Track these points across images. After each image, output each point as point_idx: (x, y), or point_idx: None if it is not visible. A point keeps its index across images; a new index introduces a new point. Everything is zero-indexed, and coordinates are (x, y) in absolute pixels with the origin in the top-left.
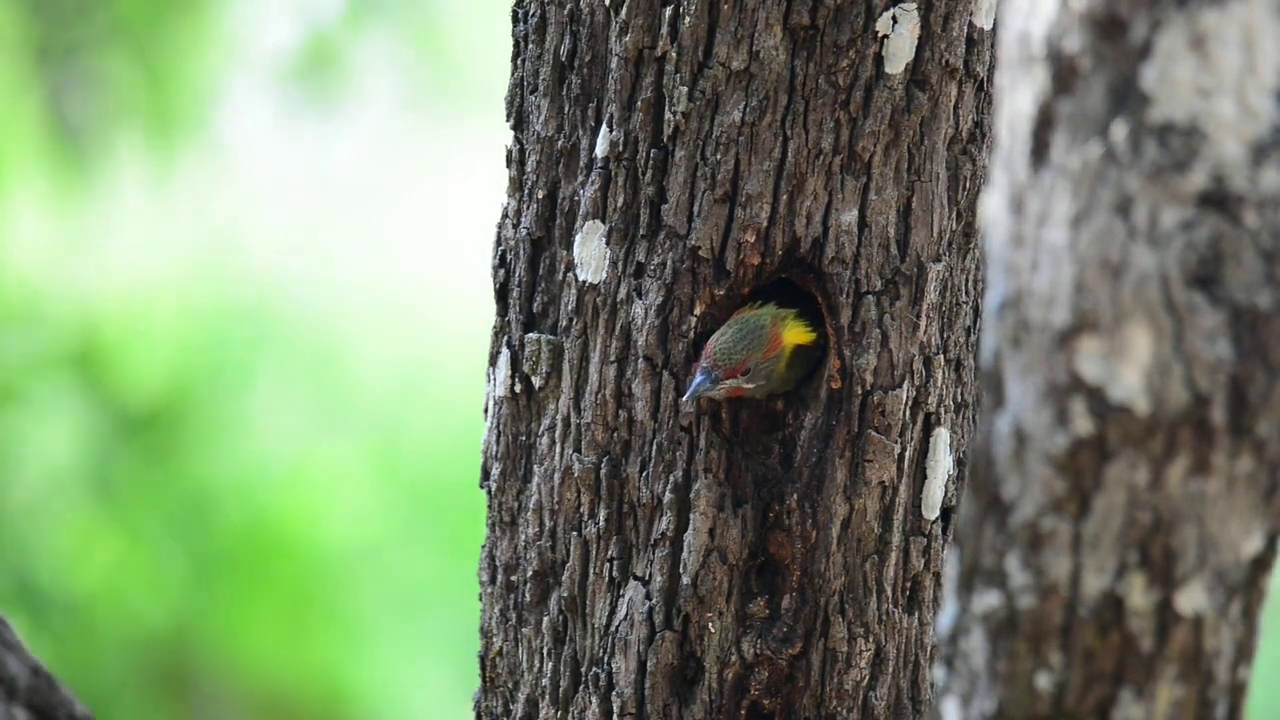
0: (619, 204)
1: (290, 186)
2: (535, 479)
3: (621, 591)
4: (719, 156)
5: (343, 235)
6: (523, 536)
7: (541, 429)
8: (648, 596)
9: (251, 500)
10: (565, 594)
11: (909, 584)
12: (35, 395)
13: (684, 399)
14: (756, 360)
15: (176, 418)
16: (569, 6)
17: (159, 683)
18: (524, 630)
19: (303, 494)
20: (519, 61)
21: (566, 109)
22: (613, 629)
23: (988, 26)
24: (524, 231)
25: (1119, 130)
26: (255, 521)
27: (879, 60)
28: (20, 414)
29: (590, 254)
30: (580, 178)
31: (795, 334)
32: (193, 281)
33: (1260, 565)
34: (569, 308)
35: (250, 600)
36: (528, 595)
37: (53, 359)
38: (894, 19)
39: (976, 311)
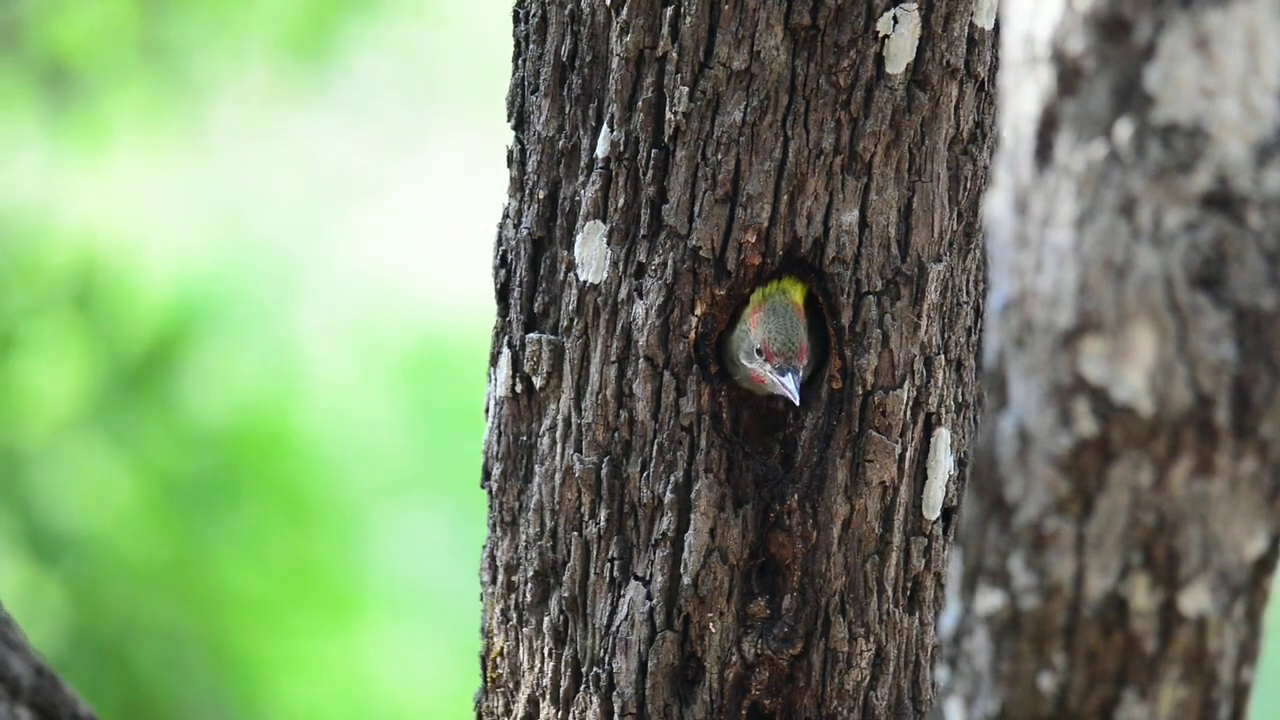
0: (620, 204)
1: (291, 159)
2: (536, 479)
3: (622, 591)
4: (720, 156)
5: (339, 218)
6: (523, 536)
7: (542, 429)
8: (648, 596)
9: (253, 434)
10: (566, 594)
11: (910, 584)
12: (37, 337)
13: (796, 402)
14: (805, 333)
15: (176, 354)
16: (570, 6)
17: (169, 624)
18: (525, 630)
19: (307, 427)
20: (520, 61)
21: (567, 109)
22: (613, 629)
23: (989, 27)
24: (525, 231)
25: (1123, 131)
26: (256, 455)
27: (880, 60)
28: (22, 357)
29: (591, 254)
30: (581, 178)
31: (797, 293)
32: (189, 221)
33: (1263, 566)
34: (570, 308)
35: (255, 533)
36: (528, 595)
37: (52, 300)
38: (895, 19)
39: (977, 312)
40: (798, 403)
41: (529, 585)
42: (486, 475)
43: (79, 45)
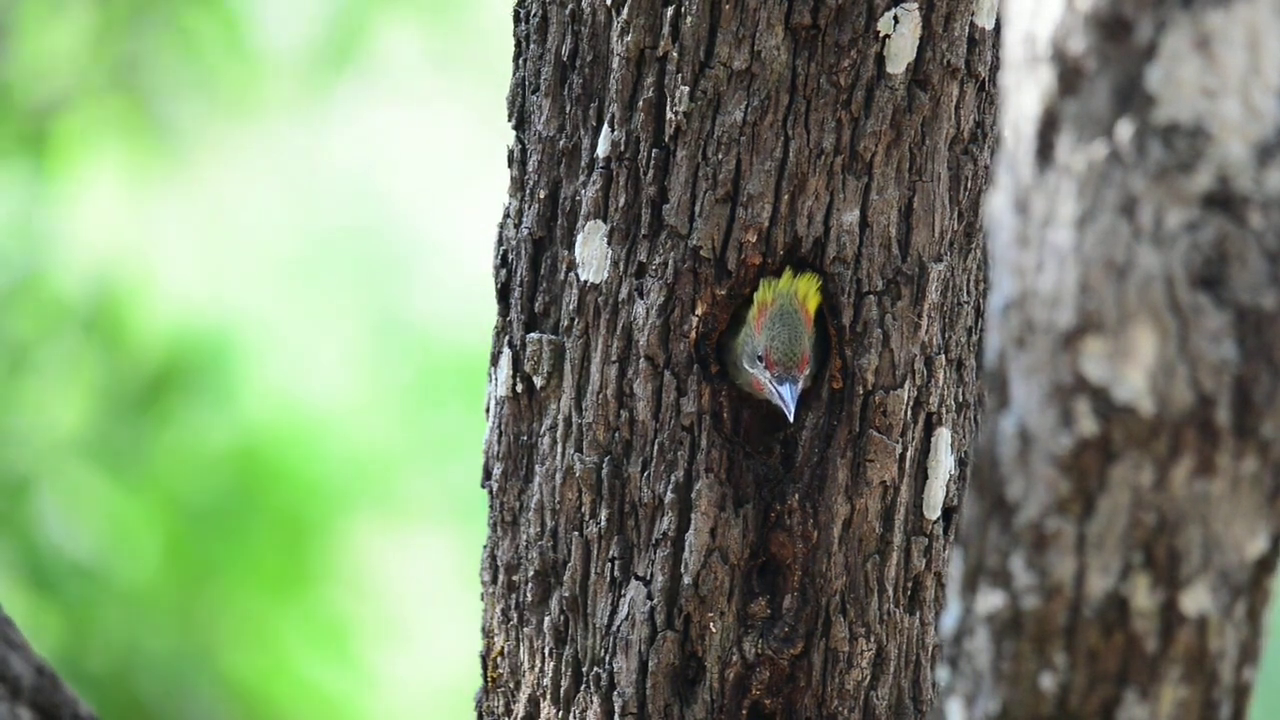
0: (620, 204)
1: (296, 166)
2: (537, 479)
3: (623, 591)
4: (720, 156)
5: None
6: (524, 536)
7: (543, 429)
8: (649, 596)
9: (259, 459)
10: (566, 594)
11: (910, 584)
12: (45, 360)
13: (792, 416)
14: (809, 344)
15: (181, 382)
16: (570, 6)
17: (170, 651)
18: (525, 630)
19: (312, 452)
20: (520, 61)
21: (568, 109)
22: (614, 629)
23: (989, 26)
24: (525, 231)
25: (1124, 131)
26: (261, 480)
27: (880, 60)
28: (31, 380)
29: (592, 254)
30: (582, 177)
31: (812, 300)
32: (196, 248)
33: (1264, 566)
34: (570, 307)
35: (257, 561)
36: (529, 595)
37: (61, 322)
38: (895, 19)
39: (978, 311)
40: (792, 418)
41: (529, 585)
42: (487, 475)
43: (63, 68)
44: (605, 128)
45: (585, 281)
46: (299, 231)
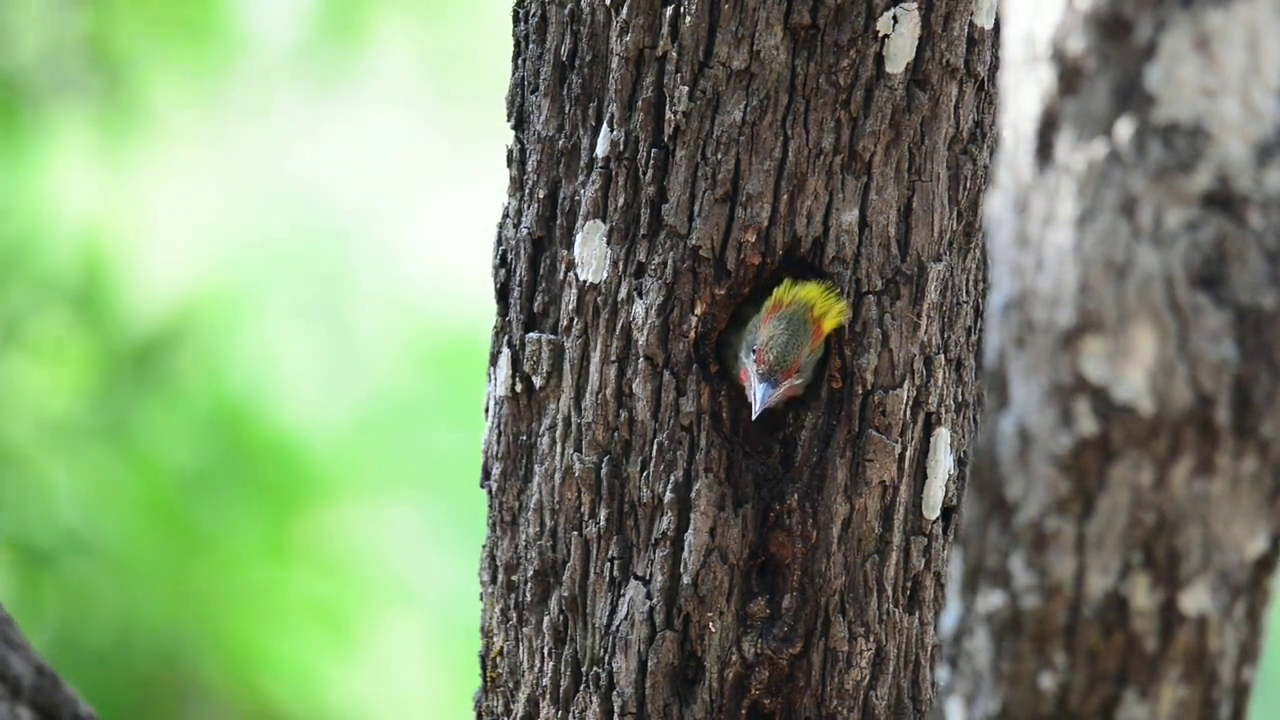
0: (620, 204)
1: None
2: (536, 479)
3: (622, 591)
4: (720, 156)
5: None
6: (523, 536)
7: (542, 429)
8: (648, 596)
9: (247, 432)
10: (566, 593)
11: (909, 584)
12: (36, 335)
13: (755, 415)
14: (805, 355)
15: (178, 350)
16: (570, 6)
17: (166, 622)
18: (525, 630)
19: (303, 429)
20: (520, 61)
21: (567, 108)
22: (613, 629)
23: (988, 26)
24: (524, 231)
25: (1124, 130)
26: (249, 453)
27: (880, 60)
28: (21, 355)
29: (591, 254)
30: (581, 177)
31: (830, 321)
32: (188, 220)
33: (1264, 566)
34: (570, 307)
35: (247, 531)
36: (528, 595)
37: (53, 297)
38: (895, 19)
39: (977, 311)
40: (754, 417)
41: (529, 585)
42: (486, 475)
43: (37, 43)
44: (604, 127)
45: (584, 281)
46: (276, 213)
